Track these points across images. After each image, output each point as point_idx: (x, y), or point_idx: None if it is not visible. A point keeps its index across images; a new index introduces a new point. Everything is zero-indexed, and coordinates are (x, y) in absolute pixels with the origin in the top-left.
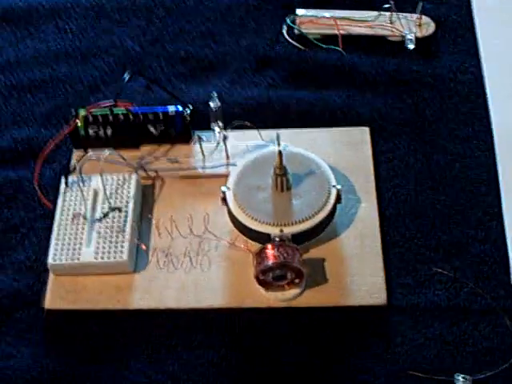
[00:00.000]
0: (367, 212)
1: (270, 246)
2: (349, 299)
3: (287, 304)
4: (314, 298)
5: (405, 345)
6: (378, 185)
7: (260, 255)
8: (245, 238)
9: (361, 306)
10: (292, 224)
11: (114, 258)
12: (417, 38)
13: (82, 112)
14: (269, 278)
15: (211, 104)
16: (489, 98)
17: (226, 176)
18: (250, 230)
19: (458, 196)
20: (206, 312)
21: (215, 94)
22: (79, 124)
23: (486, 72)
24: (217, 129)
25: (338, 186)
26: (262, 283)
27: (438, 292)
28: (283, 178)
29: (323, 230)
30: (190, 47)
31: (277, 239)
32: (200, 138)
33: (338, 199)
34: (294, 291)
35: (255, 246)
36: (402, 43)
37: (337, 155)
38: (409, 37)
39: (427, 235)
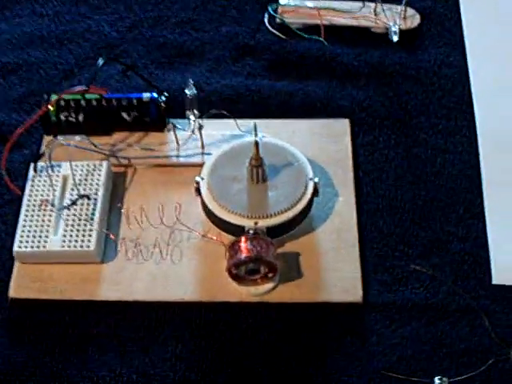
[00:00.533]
0: (345, 206)
1: (243, 238)
2: (323, 295)
3: (260, 299)
4: (287, 293)
5: (380, 344)
6: (356, 178)
7: (233, 248)
8: (218, 230)
9: (336, 302)
10: (267, 217)
11: (82, 247)
12: (401, 30)
13: (54, 97)
14: (241, 271)
15: (187, 91)
16: (473, 93)
17: (200, 166)
18: (224, 221)
19: (439, 192)
20: (175, 305)
21: (191, 82)
22: (51, 109)
23: (471, 66)
24: (192, 117)
25: (316, 179)
26: (235, 277)
27: (415, 290)
28: (259, 169)
29: (299, 224)
30: (169, 34)
31: (251, 232)
32: (175, 126)
33: (315, 192)
34: (268, 286)
35: (228, 238)
36: (386, 35)
37: (315, 147)
38: (393, 29)
39: (406, 231)
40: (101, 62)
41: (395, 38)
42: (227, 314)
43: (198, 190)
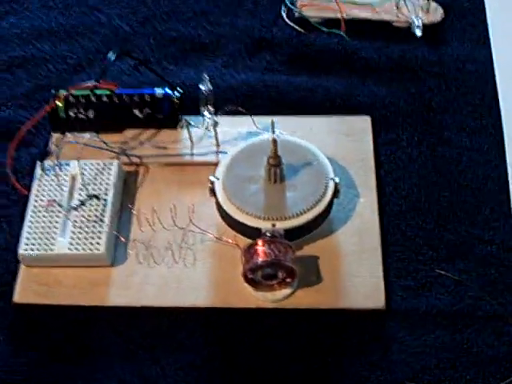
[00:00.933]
0: (366, 207)
1: (260, 241)
2: (344, 301)
3: (277, 305)
4: (306, 299)
5: (403, 352)
6: (378, 178)
7: (249, 251)
8: (233, 232)
9: (357, 309)
10: (285, 218)
11: (91, 249)
12: (424, 25)
13: (63, 92)
14: (258, 276)
15: (202, 87)
16: (499, 90)
17: (215, 165)
18: (240, 223)
19: (464, 192)
20: (188, 311)
21: (207, 77)
22: (59, 105)
23: (497, 62)
24: (207, 114)
25: (336, 179)
26: (251, 282)
27: (440, 296)
28: (277, 168)
29: (318, 226)
30: (183, 27)
31: (268, 234)
32: (188, 124)
33: (336, 193)
34: (285, 291)
35: (244, 241)
36: (408, 29)
37: (335, 145)
38: (416, 23)
39: (430, 234)
40: (112, 56)
41: (418, 33)
42: (243, 321)
43: (212, 191)
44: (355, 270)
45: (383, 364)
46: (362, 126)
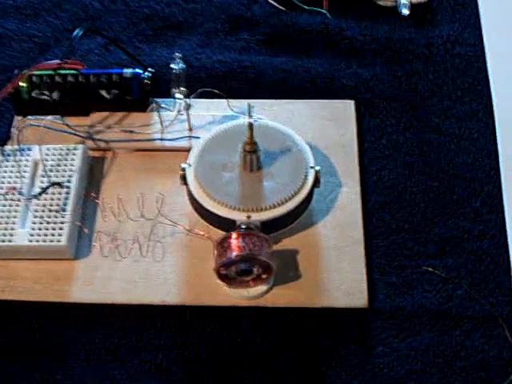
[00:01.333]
0: (349, 198)
1: (234, 234)
2: (324, 299)
3: (252, 303)
4: (283, 296)
5: (387, 355)
6: (362, 167)
7: (222, 245)
8: (206, 223)
9: (338, 307)
10: (261, 210)
11: (52, 241)
12: (411, 4)
13: (26, 72)
14: (232, 272)
15: (173, 66)
16: (489, 73)
17: (187, 150)
18: (213, 214)
19: (453, 183)
20: (156, 309)
21: (178, 55)
22: (22, 86)
23: (488, 44)
24: (179, 96)
25: (317, 168)
26: (224, 278)
27: (427, 294)
28: (253, 155)
29: (298, 218)
30: (156, 4)
31: (243, 227)
32: (159, 106)
33: (316, 182)
34: (261, 288)
35: (218, 233)
36: (394, 8)
37: (316, 131)
38: (403, 1)
39: (417, 227)
40: (78, 33)
41: (405, 12)
42: (215, 320)
43: (183, 178)
44: (336, 266)
45: (366, 368)
46: (344, 110)
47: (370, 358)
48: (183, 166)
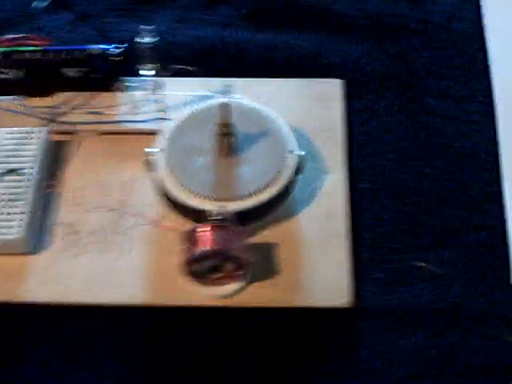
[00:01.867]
0: (335, 186)
1: (204, 226)
2: (305, 298)
3: (226, 302)
4: (261, 295)
5: (377, 360)
6: (350, 152)
7: (191, 238)
8: (176, 215)
9: (320, 307)
10: (237, 199)
11: (5, 234)
12: None
13: None
14: (202, 268)
15: (139, 40)
16: (489, 51)
17: (157, 134)
18: (183, 204)
19: (449, 170)
20: (120, 310)
21: (146, 28)
22: None
23: (487, 20)
24: (145, 73)
25: (300, 152)
26: (194, 275)
27: (419, 292)
28: (229, 138)
29: (277, 208)
30: None
31: (216, 218)
32: (128, 86)
33: (299, 169)
34: (235, 286)
35: (189, 225)
36: None
37: (301, 113)
38: None
39: (409, 217)
40: (39, 4)
41: None
42: (184, 322)
43: (150, 164)
44: (319, 261)
45: (351, 373)
46: (332, 90)
47: (357, 363)
48: (149, 150)
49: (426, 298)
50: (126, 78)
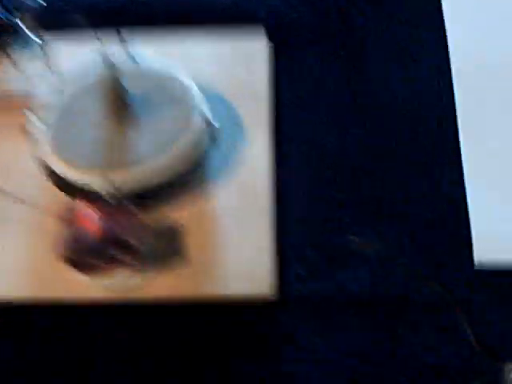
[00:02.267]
0: (257, 156)
1: (91, 207)
2: (219, 288)
3: (118, 296)
4: (163, 287)
5: (304, 361)
6: (277, 118)
7: (74, 222)
8: (62, 197)
9: (237, 298)
10: (133, 175)
11: None
12: None
13: None
14: (88, 257)
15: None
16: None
17: (42, 105)
18: (69, 183)
19: (395, 132)
20: None
21: None
22: None
23: None
24: (36, 35)
25: (211, 119)
26: (78, 265)
27: (356, 276)
28: (121, 104)
29: (184, 185)
30: None
31: (106, 198)
32: (12, 49)
33: (212, 139)
34: (133, 278)
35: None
36: None
37: (218, 73)
38: None
39: (345, 190)
40: None
41: None
42: (71, 318)
43: (32, 139)
44: (237, 244)
45: (275, 379)
46: (255, 47)
47: (281, 363)
48: (32, 122)
49: (365, 283)
50: (11, 40)
